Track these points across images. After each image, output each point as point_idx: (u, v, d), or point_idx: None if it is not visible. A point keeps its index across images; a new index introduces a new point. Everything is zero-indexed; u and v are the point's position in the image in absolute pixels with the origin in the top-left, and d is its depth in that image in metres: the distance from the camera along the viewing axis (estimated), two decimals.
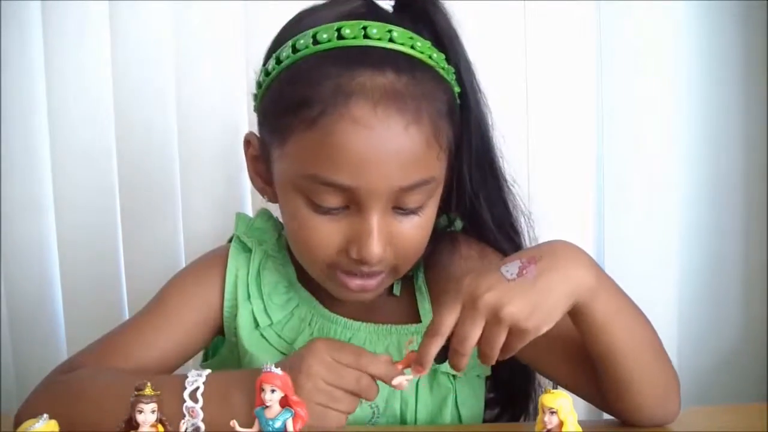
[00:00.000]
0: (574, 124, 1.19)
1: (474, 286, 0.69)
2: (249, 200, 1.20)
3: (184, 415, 0.71)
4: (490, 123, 0.85)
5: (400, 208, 0.77)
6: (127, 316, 1.21)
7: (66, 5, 1.21)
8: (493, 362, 0.70)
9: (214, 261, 0.88)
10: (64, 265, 1.26)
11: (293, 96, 0.74)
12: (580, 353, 0.78)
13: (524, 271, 0.69)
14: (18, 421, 0.76)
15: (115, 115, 1.22)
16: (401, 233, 0.77)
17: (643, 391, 0.75)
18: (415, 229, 0.78)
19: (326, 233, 0.76)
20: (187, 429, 0.70)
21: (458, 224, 0.89)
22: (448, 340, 0.70)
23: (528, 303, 0.68)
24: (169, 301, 0.87)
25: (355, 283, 0.78)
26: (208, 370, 0.74)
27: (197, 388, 0.71)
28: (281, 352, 0.84)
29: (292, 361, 0.72)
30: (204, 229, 1.19)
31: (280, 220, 0.90)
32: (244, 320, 0.85)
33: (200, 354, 0.92)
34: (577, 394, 0.80)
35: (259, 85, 0.82)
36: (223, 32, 1.19)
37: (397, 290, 0.88)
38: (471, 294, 0.68)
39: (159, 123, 1.22)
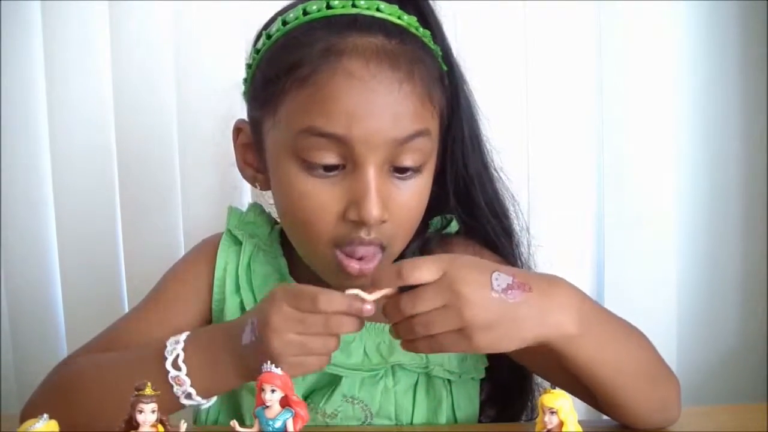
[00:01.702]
0: (573, 124, 1.19)
1: (461, 273, 0.66)
2: (248, 196, 1.20)
3: (172, 386, 0.71)
4: (474, 105, 0.86)
5: (396, 170, 0.76)
6: None
7: (66, 5, 1.21)
8: (414, 349, 0.69)
9: (205, 253, 0.89)
10: (64, 262, 1.26)
11: (285, 59, 0.76)
12: None
13: (509, 292, 0.66)
14: (23, 421, 0.77)
15: (115, 114, 1.23)
16: (399, 199, 0.76)
17: (640, 411, 0.75)
18: (411, 197, 0.78)
19: (324, 198, 0.75)
20: (179, 396, 0.71)
21: (454, 225, 0.89)
22: None
23: (492, 322, 0.65)
24: (166, 292, 0.88)
25: (354, 267, 0.76)
26: (186, 333, 0.74)
27: (178, 356, 0.72)
28: None
29: (257, 316, 0.71)
30: (203, 225, 1.19)
31: (273, 214, 0.90)
32: (232, 313, 0.85)
33: None
34: (578, 398, 0.80)
35: (248, 66, 0.83)
36: (223, 32, 1.19)
37: None
38: (453, 277, 0.66)
39: (158, 121, 1.22)
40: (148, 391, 0.57)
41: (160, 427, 0.58)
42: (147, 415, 0.57)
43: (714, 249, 1.21)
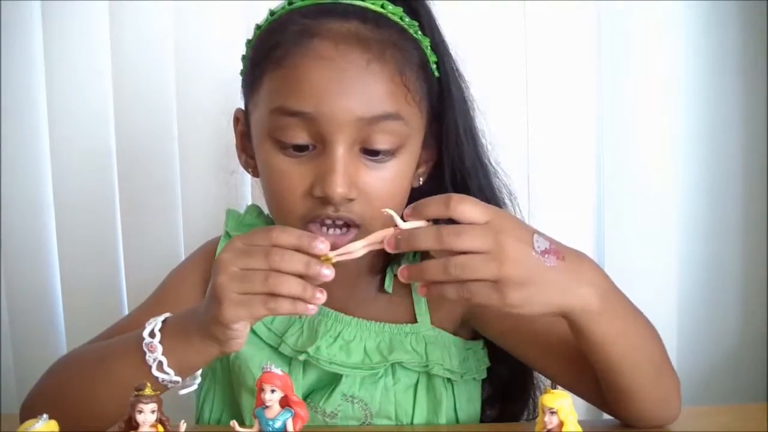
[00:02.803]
0: (574, 124, 1.19)
1: (507, 225, 0.66)
2: (249, 198, 1.20)
3: (145, 353, 0.72)
4: (470, 99, 0.87)
5: (367, 153, 0.77)
6: None
7: (66, 5, 1.21)
8: (439, 293, 0.66)
9: (204, 255, 0.90)
10: (64, 263, 1.26)
11: (266, 44, 0.80)
12: (582, 358, 0.77)
13: (546, 255, 0.67)
14: (22, 415, 0.78)
15: (115, 114, 1.23)
16: (369, 181, 0.77)
17: (644, 400, 0.75)
18: (383, 181, 0.77)
19: (294, 177, 0.77)
20: (151, 365, 0.72)
21: None
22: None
23: (527, 280, 0.65)
24: (166, 293, 0.89)
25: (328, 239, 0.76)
26: (168, 314, 0.75)
27: (155, 326, 0.73)
28: (270, 345, 0.85)
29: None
30: (204, 228, 1.19)
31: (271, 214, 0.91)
32: None
33: None
34: (579, 396, 0.80)
35: (243, 58, 0.86)
36: (223, 32, 1.19)
37: (389, 287, 0.87)
38: (500, 227, 0.66)
39: (158, 122, 1.22)
40: (148, 391, 0.57)
41: (160, 427, 0.58)
42: (147, 415, 0.57)
43: (714, 249, 1.21)
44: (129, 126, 1.22)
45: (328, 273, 0.67)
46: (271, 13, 0.82)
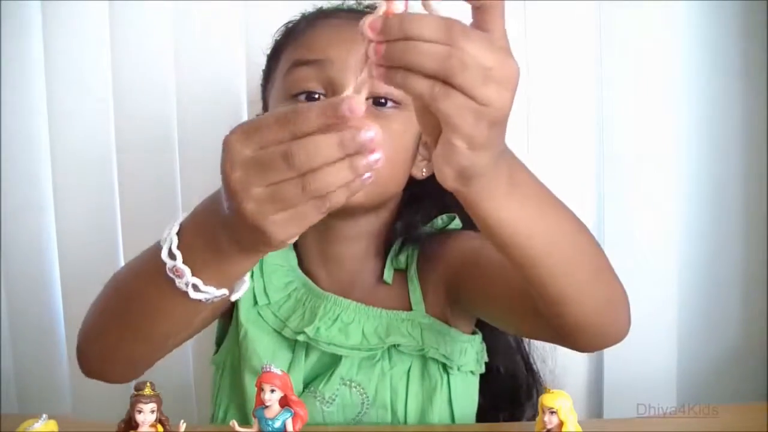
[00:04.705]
0: (574, 124, 1.19)
1: None
2: None
3: (173, 280, 0.62)
4: None
5: (375, 103, 0.82)
6: None
7: (66, 5, 1.21)
8: (387, 77, 0.53)
9: None
10: (64, 264, 1.26)
11: (284, 34, 0.92)
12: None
13: None
14: (79, 348, 0.79)
15: (115, 114, 1.22)
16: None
17: (580, 306, 0.67)
18: (388, 132, 0.69)
19: None
20: (186, 290, 0.62)
21: (457, 223, 0.92)
22: None
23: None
24: None
25: None
26: (183, 216, 0.66)
27: (171, 245, 0.63)
28: (275, 330, 0.87)
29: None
30: None
31: None
32: (244, 299, 0.88)
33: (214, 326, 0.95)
34: (540, 338, 0.86)
35: (262, 85, 0.93)
36: (223, 32, 1.19)
37: (388, 278, 0.89)
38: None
39: (159, 122, 1.22)
40: (148, 391, 0.57)
41: (160, 427, 0.58)
42: (146, 414, 0.57)
43: (714, 248, 1.21)
44: (129, 126, 1.22)
45: (372, 135, 0.53)
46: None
